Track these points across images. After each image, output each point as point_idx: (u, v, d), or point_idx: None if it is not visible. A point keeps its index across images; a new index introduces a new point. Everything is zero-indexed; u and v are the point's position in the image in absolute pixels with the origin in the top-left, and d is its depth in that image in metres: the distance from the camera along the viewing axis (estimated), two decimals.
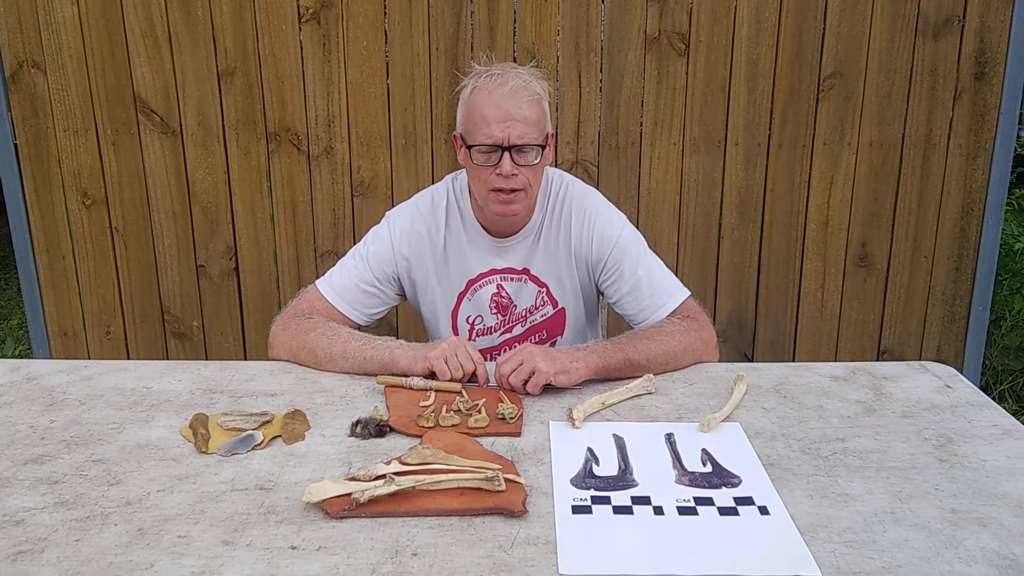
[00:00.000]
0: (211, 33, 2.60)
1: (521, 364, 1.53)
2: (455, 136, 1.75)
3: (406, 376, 1.57)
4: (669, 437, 1.40)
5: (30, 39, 2.60)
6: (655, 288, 1.78)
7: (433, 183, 1.92)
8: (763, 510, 1.18)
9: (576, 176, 1.89)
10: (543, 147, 1.69)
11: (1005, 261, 3.43)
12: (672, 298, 1.77)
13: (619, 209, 1.86)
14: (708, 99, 2.67)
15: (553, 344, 1.90)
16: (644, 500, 1.21)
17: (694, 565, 1.06)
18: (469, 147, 1.68)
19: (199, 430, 1.38)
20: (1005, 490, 1.24)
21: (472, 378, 1.59)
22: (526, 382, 1.53)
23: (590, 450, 1.35)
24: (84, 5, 2.58)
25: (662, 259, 1.83)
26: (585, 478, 1.27)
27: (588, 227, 1.81)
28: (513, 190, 1.68)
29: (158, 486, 1.24)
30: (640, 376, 1.58)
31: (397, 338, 1.66)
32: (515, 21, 2.60)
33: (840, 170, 2.72)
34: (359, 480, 1.20)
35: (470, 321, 1.88)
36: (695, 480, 1.27)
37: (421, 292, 1.86)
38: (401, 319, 2.81)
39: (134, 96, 2.65)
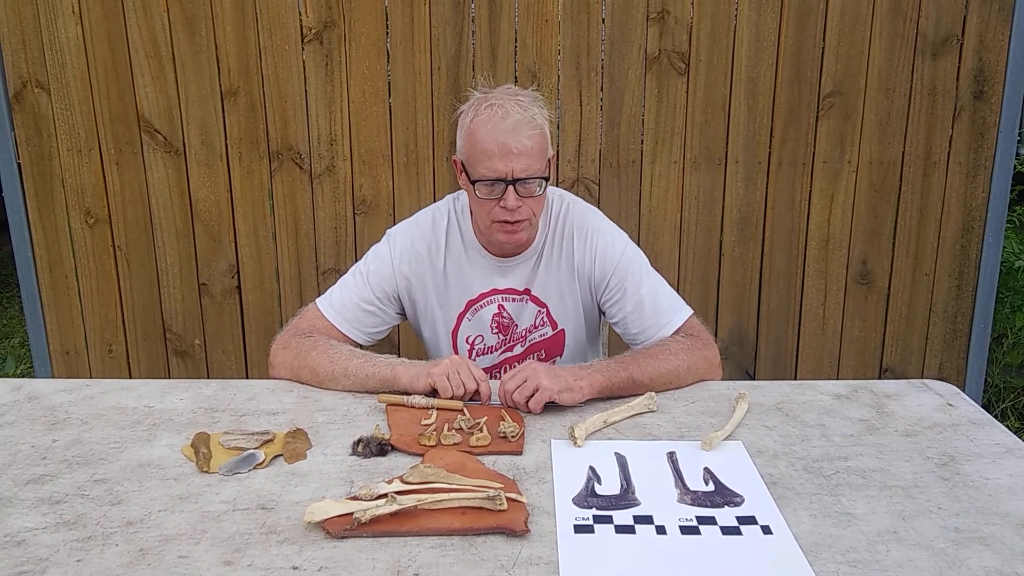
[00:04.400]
0: (214, 53, 2.62)
1: (525, 381, 1.53)
2: (455, 161, 1.75)
3: (408, 393, 1.57)
4: (671, 455, 1.39)
5: (34, 59, 2.62)
6: (658, 307, 1.78)
7: (435, 201, 1.92)
8: (766, 529, 1.18)
9: (577, 194, 1.90)
10: (547, 178, 1.69)
11: (1006, 279, 3.42)
12: (675, 317, 1.77)
13: (620, 227, 1.86)
14: (708, 117, 2.68)
15: (553, 364, 1.89)
16: (646, 519, 1.21)
17: None
18: (473, 181, 1.67)
19: (201, 449, 1.38)
20: (1008, 509, 1.24)
21: (474, 396, 1.59)
22: (529, 399, 1.53)
23: (592, 469, 1.35)
24: (88, 25, 2.60)
25: (664, 277, 1.84)
26: (587, 497, 1.27)
27: (591, 247, 1.81)
28: (517, 221, 1.68)
29: (159, 506, 1.24)
30: (642, 394, 1.58)
31: (399, 356, 1.66)
32: (516, 41, 2.62)
33: (840, 188, 2.73)
34: (361, 499, 1.20)
35: (470, 341, 1.88)
36: (697, 499, 1.26)
37: (421, 312, 1.86)
38: (403, 338, 2.81)
39: (138, 115, 2.66)
